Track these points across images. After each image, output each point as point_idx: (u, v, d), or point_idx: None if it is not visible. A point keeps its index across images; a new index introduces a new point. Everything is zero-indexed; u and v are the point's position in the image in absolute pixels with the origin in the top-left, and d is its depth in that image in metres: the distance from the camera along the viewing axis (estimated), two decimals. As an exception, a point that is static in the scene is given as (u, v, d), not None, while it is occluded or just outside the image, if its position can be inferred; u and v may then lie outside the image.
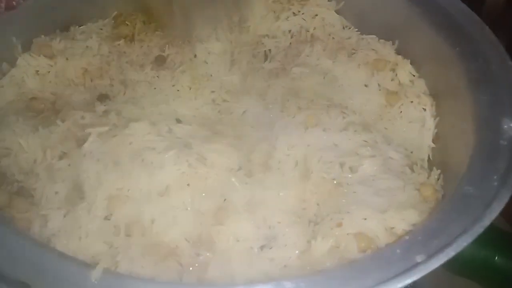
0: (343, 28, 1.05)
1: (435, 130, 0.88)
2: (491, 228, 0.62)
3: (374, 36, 1.02)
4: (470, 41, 0.86)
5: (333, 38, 1.03)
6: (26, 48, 0.97)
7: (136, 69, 0.99)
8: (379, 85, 0.94)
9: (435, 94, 0.92)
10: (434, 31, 0.92)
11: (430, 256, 0.57)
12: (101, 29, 1.05)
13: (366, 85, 0.94)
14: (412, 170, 0.81)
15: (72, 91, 0.94)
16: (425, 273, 0.56)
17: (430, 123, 0.88)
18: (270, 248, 0.71)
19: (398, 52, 0.99)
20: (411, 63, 0.96)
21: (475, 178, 0.67)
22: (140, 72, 0.98)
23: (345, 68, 0.96)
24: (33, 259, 0.60)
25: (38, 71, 0.95)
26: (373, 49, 0.99)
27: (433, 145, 0.87)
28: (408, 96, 0.92)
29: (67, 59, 0.96)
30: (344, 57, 0.97)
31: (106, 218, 0.74)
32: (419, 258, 0.57)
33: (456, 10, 0.91)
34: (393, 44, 0.99)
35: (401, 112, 0.91)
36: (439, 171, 0.79)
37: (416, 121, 0.90)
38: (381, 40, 1.01)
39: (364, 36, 1.03)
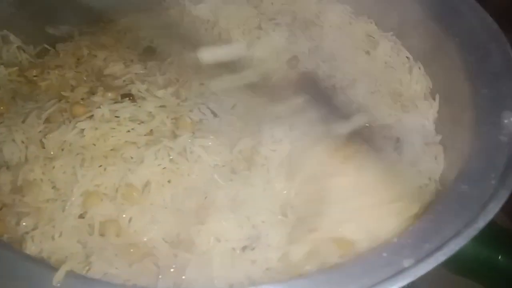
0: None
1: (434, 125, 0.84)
2: (494, 226, 0.57)
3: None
4: (471, 31, 0.81)
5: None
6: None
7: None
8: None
9: (434, 86, 0.88)
10: (434, 20, 0.87)
11: (418, 261, 0.53)
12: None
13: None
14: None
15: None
16: (413, 279, 0.52)
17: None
18: (253, 249, 0.67)
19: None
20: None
21: (472, 175, 0.63)
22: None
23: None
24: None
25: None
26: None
27: (430, 139, 0.82)
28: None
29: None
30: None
31: (81, 216, 0.70)
32: (406, 263, 0.53)
33: (458, -1, 0.86)
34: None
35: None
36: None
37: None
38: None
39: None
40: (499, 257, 0.81)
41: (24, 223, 0.70)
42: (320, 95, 0.85)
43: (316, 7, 1.05)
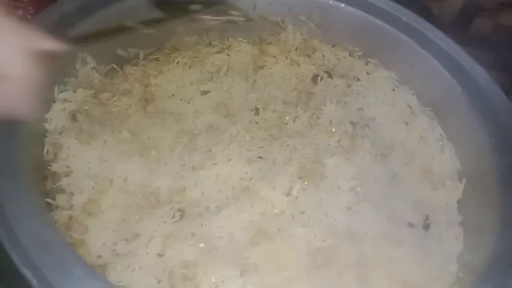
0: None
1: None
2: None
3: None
4: (507, 134, 0.92)
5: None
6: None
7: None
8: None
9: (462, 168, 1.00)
10: (472, 110, 0.98)
11: None
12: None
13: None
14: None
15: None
16: None
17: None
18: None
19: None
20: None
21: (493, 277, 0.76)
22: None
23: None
24: None
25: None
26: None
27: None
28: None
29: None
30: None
31: (159, 255, 0.80)
32: None
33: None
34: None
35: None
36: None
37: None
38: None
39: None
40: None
41: (105, 254, 0.80)
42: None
43: (364, 67, 1.15)
